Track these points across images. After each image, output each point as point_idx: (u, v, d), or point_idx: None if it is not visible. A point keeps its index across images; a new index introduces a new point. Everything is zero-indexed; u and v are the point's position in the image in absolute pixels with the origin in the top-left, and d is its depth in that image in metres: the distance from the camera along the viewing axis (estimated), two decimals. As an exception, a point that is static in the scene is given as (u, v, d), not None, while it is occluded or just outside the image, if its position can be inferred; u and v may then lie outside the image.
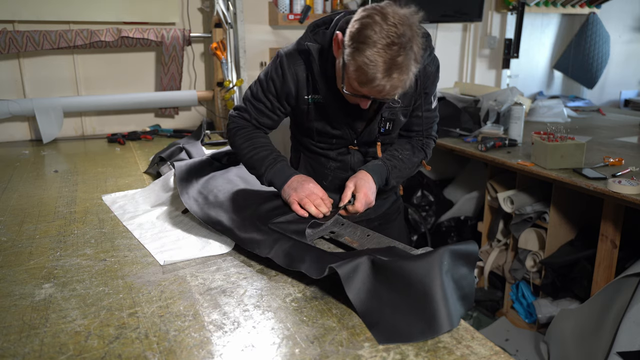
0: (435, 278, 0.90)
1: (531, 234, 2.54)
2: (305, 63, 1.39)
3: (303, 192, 1.33)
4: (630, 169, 2.13)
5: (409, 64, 1.17)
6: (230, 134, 1.50)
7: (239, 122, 1.49)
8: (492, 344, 0.84)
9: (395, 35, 1.13)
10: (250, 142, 1.45)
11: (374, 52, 1.13)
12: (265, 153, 1.42)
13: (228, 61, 2.79)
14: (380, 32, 1.13)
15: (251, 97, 1.47)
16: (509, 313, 2.72)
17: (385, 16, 1.15)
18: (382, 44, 1.13)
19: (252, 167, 1.44)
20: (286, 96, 1.43)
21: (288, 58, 1.40)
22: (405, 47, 1.14)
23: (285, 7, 3.01)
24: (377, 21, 1.14)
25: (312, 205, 1.30)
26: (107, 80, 2.78)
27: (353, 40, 1.17)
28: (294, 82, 1.40)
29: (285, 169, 1.39)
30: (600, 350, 1.93)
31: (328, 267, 0.97)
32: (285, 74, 1.40)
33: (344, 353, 0.81)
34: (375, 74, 1.15)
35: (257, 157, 1.42)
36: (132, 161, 2.18)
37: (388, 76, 1.16)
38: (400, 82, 1.18)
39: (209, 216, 1.32)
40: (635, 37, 4.56)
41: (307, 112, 1.45)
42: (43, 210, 1.54)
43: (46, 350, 0.82)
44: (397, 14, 1.16)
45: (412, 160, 1.51)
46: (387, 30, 1.13)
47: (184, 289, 1.03)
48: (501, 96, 2.96)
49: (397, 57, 1.14)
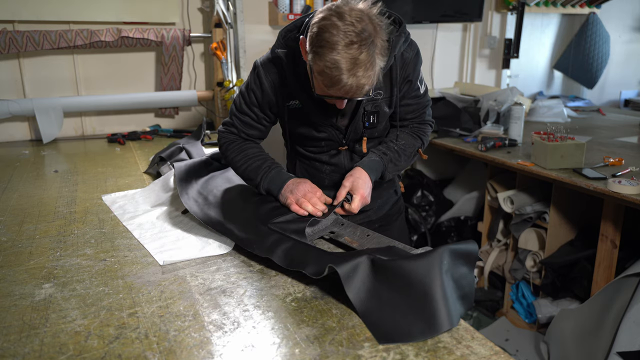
0: (435, 277, 0.90)
1: (531, 234, 2.54)
2: (278, 71, 1.39)
3: (299, 193, 1.33)
4: (630, 169, 2.13)
5: (373, 59, 1.15)
6: (222, 149, 1.51)
7: (228, 137, 1.49)
8: (492, 344, 0.83)
9: (354, 34, 1.12)
10: (243, 154, 1.45)
11: (335, 54, 1.12)
12: (259, 162, 1.43)
13: (228, 61, 2.79)
14: (338, 34, 1.12)
15: (236, 111, 1.47)
16: (509, 313, 2.72)
17: (341, 15, 1.13)
18: (342, 44, 1.12)
19: (248, 178, 1.44)
20: (269, 106, 1.43)
21: (264, 67, 1.40)
22: (367, 43, 1.13)
23: (285, 7, 3.01)
24: (334, 22, 1.13)
25: (309, 204, 1.31)
26: (107, 80, 2.78)
27: (313, 45, 1.16)
28: (273, 90, 1.40)
29: (280, 174, 1.40)
30: (600, 350, 1.93)
31: (328, 267, 0.97)
32: (262, 83, 1.40)
33: (344, 353, 0.81)
34: (339, 76, 1.14)
35: (250, 168, 1.42)
36: (132, 161, 2.18)
37: (353, 75, 1.14)
38: (366, 79, 1.16)
39: (209, 216, 1.32)
40: (635, 37, 4.56)
41: (290, 117, 1.45)
42: (43, 210, 1.54)
43: (46, 350, 0.82)
44: (353, 10, 1.14)
45: (407, 151, 1.50)
46: (345, 30, 1.12)
47: (184, 289, 1.03)
48: (501, 96, 2.96)
49: (359, 55, 1.12)
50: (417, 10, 3.27)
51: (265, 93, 1.41)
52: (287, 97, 1.41)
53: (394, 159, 1.46)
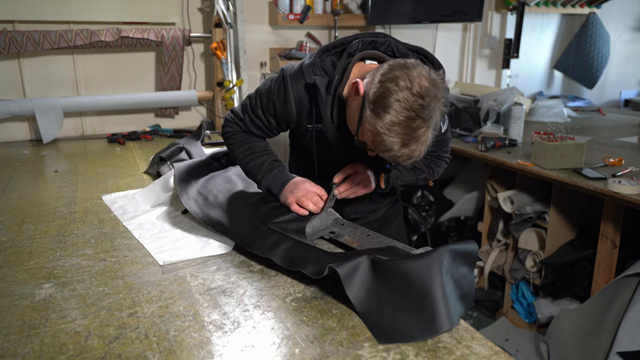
0: (435, 278, 0.90)
1: (531, 234, 2.54)
2: (309, 95, 1.32)
3: (299, 192, 1.32)
4: (630, 169, 2.13)
5: (428, 135, 1.12)
6: (225, 136, 1.48)
7: (234, 128, 1.45)
8: (492, 344, 0.84)
9: (420, 108, 1.07)
10: (247, 147, 1.43)
11: (395, 123, 1.08)
12: (262, 159, 1.40)
13: (228, 61, 2.79)
14: (404, 102, 1.07)
15: (250, 110, 1.42)
16: (509, 313, 2.72)
17: (411, 82, 1.08)
18: (404, 116, 1.07)
19: (249, 172, 1.42)
20: (286, 121, 1.39)
21: (293, 82, 1.32)
22: (427, 120, 1.09)
23: (285, 7, 3.01)
24: (401, 88, 1.07)
25: (310, 202, 1.30)
26: (107, 80, 2.78)
27: (375, 104, 1.11)
28: (296, 109, 1.34)
29: (282, 174, 1.38)
30: (600, 350, 1.93)
31: (328, 267, 0.97)
32: (288, 99, 1.32)
33: (344, 353, 0.81)
34: (392, 146, 1.11)
35: (253, 164, 1.40)
36: (132, 161, 2.18)
37: (407, 147, 1.11)
38: (416, 153, 1.13)
39: (209, 216, 1.32)
40: (635, 37, 4.56)
41: (308, 139, 1.41)
42: (43, 210, 1.54)
43: (46, 350, 0.82)
44: (423, 80, 1.09)
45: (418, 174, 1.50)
46: (412, 102, 1.07)
47: (184, 289, 1.03)
48: (501, 96, 2.96)
49: (418, 129, 1.09)
50: (417, 10, 3.27)
51: (287, 109, 1.34)
52: (312, 120, 1.35)
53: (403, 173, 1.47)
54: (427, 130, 1.11)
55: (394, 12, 3.21)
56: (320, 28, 3.21)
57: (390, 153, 1.13)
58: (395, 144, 1.10)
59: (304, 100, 1.33)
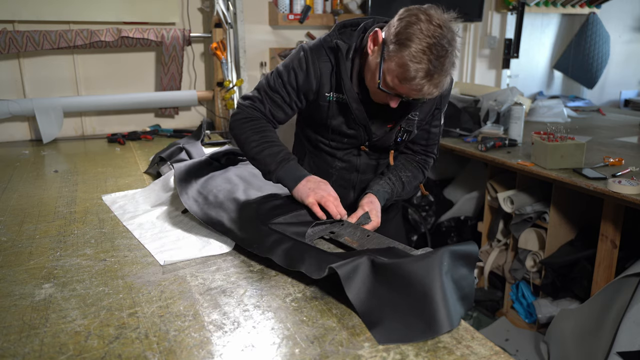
0: (435, 278, 0.90)
1: (531, 234, 2.54)
2: (330, 60, 1.39)
3: (322, 192, 1.31)
4: (630, 169, 2.13)
5: (449, 67, 1.19)
6: (237, 123, 1.42)
7: (251, 113, 1.42)
8: (492, 344, 0.84)
9: (440, 37, 1.15)
10: (261, 135, 1.39)
11: (419, 50, 1.15)
12: (276, 149, 1.37)
13: (228, 61, 2.79)
14: (426, 31, 1.15)
15: (267, 87, 1.43)
16: (509, 313, 2.72)
17: (430, 17, 1.17)
18: (428, 42, 1.15)
19: (261, 162, 1.38)
20: (306, 91, 1.43)
21: (313, 53, 1.39)
22: (448, 50, 1.16)
23: (285, 7, 3.01)
24: (422, 20, 1.16)
25: (332, 205, 1.29)
26: (107, 80, 2.78)
27: (398, 37, 1.18)
28: (317, 78, 1.40)
29: (298, 168, 1.38)
30: (600, 350, 1.93)
31: (328, 268, 0.97)
32: (309, 68, 1.39)
33: (344, 353, 0.81)
34: (417, 73, 1.17)
35: (267, 153, 1.37)
36: (132, 161, 2.18)
37: (429, 77, 1.17)
38: (438, 85, 1.20)
39: (209, 216, 1.32)
40: (635, 37, 4.56)
41: (326, 109, 1.44)
42: (43, 210, 1.54)
43: (46, 350, 0.82)
44: (440, 16, 1.18)
45: (412, 184, 1.56)
46: (433, 30, 1.15)
47: (184, 289, 1.03)
48: (501, 96, 2.96)
49: (440, 58, 1.16)
50: (417, 10, 3.26)
51: (309, 79, 1.39)
52: (332, 87, 1.41)
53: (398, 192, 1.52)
54: (449, 61, 1.18)
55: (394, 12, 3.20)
56: (320, 28, 3.21)
57: (414, 82, 1.19)
58: (421, 70, 1.17)
59: (325, 67, 1.39)
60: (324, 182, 1.35)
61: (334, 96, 1.41)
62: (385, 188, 1.48)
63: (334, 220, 1.31)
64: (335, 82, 1.40)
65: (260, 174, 1.44)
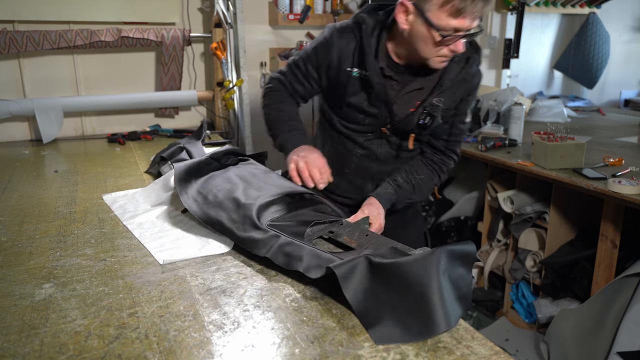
0: (432, 278, 0.90)
1: (531, 234, 2.54)
2: (356, 35, 1.44)
3: (304, 158, 1.38)
4: (630, 169, 2.13)
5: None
6: (265, 91, 1.61)
7: (276, 85, 1.57)
8: (492, 344, 0.83)
9: None
10: (279, 105, 1.55)
11: None
12: (287, 118, 1.52)
13: (228, 61, 2.79)
14: None
15: (292, 62, 1.55)
16: (509, 313, 2.72)
17: None
18: None
19: (270, 127, 1.55)
20: (326, 67, 1.48)
21: (339, 31, 1.46)
22: None
23: (285, 7, 3.01)
24: None
25: (306, 171, 1.36)
26: (107, 80, 2.78)
27: None
28: (338, 53, 1.45)
29: (299, 137, 1.48)
30: (600, 350, 1.93)
31: (325, 268, 0.97)
32: (332, 44, 1.45)
33: (344, 353, 0.81)
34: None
35: (277, 120, 1.52)
36: (132, 161, 2.18)
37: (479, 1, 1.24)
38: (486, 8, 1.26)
39: (209, 216, 1.32)
40: (635, 37, 4.56)
41: (346, 85, 1.48)
42: (43, 210, 1.54)
43: (46, 350, 0.82)
44: None
45: (424, 187, 1.56)
46: None
47: (184, 289, 1.03)
48: (501, 96, 2.96)
49: None
50: (417, 10, 3.26)
51: (329, 53, 1.46)
52: (354, 63, 1.45)
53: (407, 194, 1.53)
54: None
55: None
56: (320, 28, 3.20)
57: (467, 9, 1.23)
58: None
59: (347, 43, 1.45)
60: (314, 151, 1.43)
61: (357, 72, 1.46)
62: (388, 190, 1.48)
63: (333, 220, 1.31)
64: (359, 58, 1.44)
65: (260, 173, 1.46)
